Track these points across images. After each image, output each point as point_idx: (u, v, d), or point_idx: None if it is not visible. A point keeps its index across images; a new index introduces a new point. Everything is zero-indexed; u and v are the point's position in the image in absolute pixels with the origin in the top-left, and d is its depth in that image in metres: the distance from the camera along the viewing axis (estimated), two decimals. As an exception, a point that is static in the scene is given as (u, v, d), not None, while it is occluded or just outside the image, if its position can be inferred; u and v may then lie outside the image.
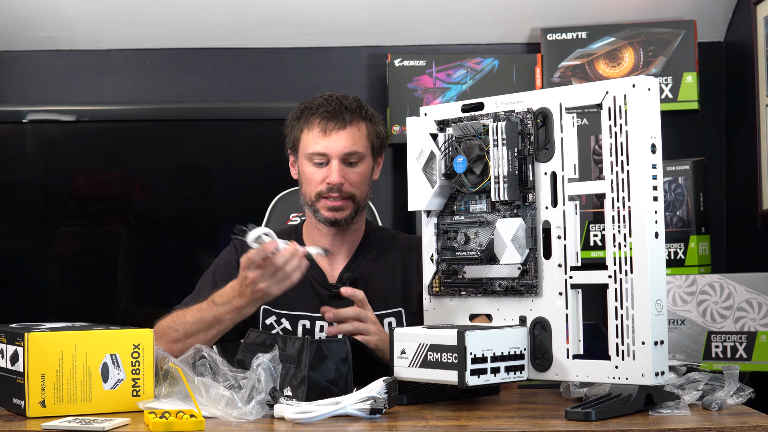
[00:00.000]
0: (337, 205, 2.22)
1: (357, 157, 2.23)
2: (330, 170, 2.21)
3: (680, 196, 2.90)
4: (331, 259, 2.28)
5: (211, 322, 2.06)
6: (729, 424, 1.64)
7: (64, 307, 3.23)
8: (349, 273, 2.26)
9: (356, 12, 3.28)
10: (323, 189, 2.22)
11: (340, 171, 2.20)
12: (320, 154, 2.21)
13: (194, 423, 1.62)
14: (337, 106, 2.22)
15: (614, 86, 1.75)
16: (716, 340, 2.66)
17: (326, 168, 2.22)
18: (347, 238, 2.29)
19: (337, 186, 2.20)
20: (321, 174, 2.22)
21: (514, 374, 1.79)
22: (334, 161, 2.21)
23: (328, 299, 2.24)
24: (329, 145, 2.21)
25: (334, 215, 2.22)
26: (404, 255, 2.30)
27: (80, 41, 3.40)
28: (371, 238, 2.33)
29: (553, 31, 3.30)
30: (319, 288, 2.25)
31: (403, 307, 2.26)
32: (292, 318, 2.23)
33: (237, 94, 3.41)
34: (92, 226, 3.30)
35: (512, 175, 1.83)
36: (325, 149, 2.21)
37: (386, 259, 2.30)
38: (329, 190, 2.21)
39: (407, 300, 2.26)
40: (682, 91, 3.22)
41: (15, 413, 1.78)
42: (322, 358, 1.82)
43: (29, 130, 3.28)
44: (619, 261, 1.73)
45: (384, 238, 2.35)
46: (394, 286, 2.28)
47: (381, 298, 2.22)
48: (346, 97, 2.26)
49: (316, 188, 2.23)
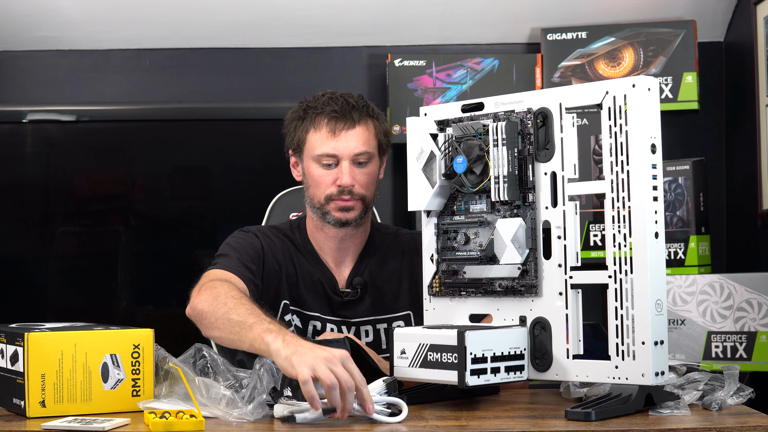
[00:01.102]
0: (348, 205, 2.15)
1: (366, 156, 2.16)
2: (341, 172, 2.14)
3: (680, 196, 2.90)
4: (339, 262, 2.24)
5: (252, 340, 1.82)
6: (729, 424, 1.64)
7: (64, 307, 3.23)
8: (359, 278, 2.22)
9: (356, 12, 3.28)
10: (334, 191, 2.15)
11: (351, 172, 2.14)
12: (330, 156, 2.14)
13: (194, 423, 1.62)
14: (344, 105, 2.15)
15: (614, 86, 1.75)
16: (716, 340, 2.66)
17: (336, 169, 2.15)
18: (355, 239, 2.24)
19: (348, 188, 2.14)
20: (330, 176, 2.15)
21: (514, 374, 1.79)
22: (344, 162, 2.14)
23: (338, 305, 2.22)
24: (339, 145, 2.14)
25: (345, 215, 2.16)
26: (410, 256, 2.25)
27: (80, 41, 3.40)
28: (376, 237, 2.28)
29: (553, 31, 3.30)
30: (330, 293, 2.22)
31: (411, 310, 2.23)
32: (303, 317, 2.20)
33: (237, 94, 3.41)
34: (92, 226, 3.30)
35: (512, 175, 1.83)
36: (335, 150, 2.14)
37: (392, 260, 2.26)
38: (340, 192, 2.14)
39: (416, 302, 2.19)
40: (682, 91, 3.22)
41: (15, 413, 1.78)
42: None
43: (29, 130, 3.28)
44: (619, 261, 1.73)
45: (387, 236, 2.30)
46: (402, 288, 2.24)
47: (390, 302, 2.20)
48: (351, 96, 2.19)
49: (325, 191, 2.16)
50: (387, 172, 3.37)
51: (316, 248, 2.25)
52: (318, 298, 2.21)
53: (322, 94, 2.20)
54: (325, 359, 1.66)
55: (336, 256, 2.24)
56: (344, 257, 2.24)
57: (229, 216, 3.31)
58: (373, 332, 2.20)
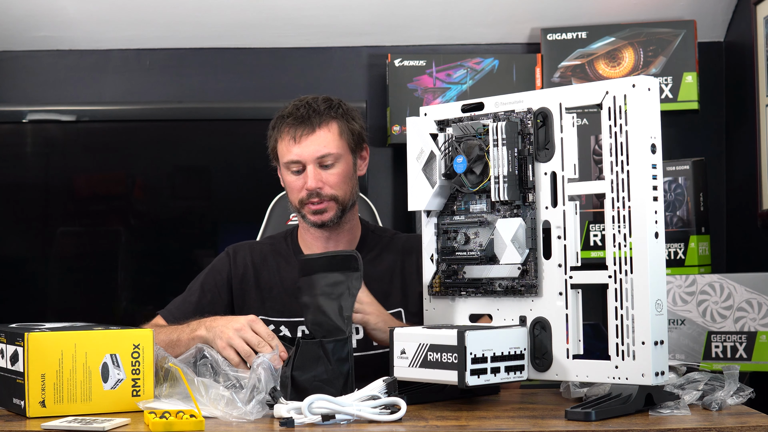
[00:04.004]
0: (320, 208, 2.22)
1: (332, 158, 2.22)
2: (306, 176, 2.21)
3: (680, 196, 2.90)
4: None
5: (176, 342, 2.06)
6: (729, 424, 1.64)
7: (64, 307, 3.23)
8: None
9: (356, 12, 3.28)
10: (304, 196, 2.22)
11: (316, 176, 2.20)
12: (294, 162, 2.22)
13: (194, 423, 1.62)
14: (305, 112, 2.22)
15: (614, 86, 1.75)
16: (716, 340, 2.66)
17: (303, 174, 2.22)
18: (341, 238, 2.29)
19: (315, 191, 2.21)
20: (300, 181, 2.23)
21: (514, 374, 1.79)
22: (309, 167, 2.21)
23: None
24: (301, 151, 2.21)
25: (320, 218, 2.23)
26: (403, 255, 2.30)
27: (80, 41, 3.40)
28: (369, 239, 2.33)
29: (553, 31, 3.30)
30: None
31: (402, 307, 2.26)
32: (291, 324, 2.23)
33: (237, 94, 3.41)
34: (92, 226, 3.30)
35: (512, 175, 1.83)
36: (298, 156, 2.21)
37: (385, 260, 2.30)
38: (309, 196, 2.21)
39: (407, 300, 2.26)
40: (682, 91, 3.22)
41: (15, 413, 1.78)
42: (312, 357, 1.82)
43: (29, 130, 3.28)
44: (619, 261, 1.73)
45: (382, 238, 2.34)
46: (393, 286, 2.27)
47: (380, 299, 2.21)
48: (317, 99, 2.25)
49: (297, 195, 2.24)
50: (387, 172, 3.38)
51: (306, 250, 2.30)
52: None
53: (294, 102, 2.27)
54: (235, 330, 1.93)
55: None
56: None
57: (229, 216, 3.31)
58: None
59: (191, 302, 2.28)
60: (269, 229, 2.63)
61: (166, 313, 2.27)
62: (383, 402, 1.70)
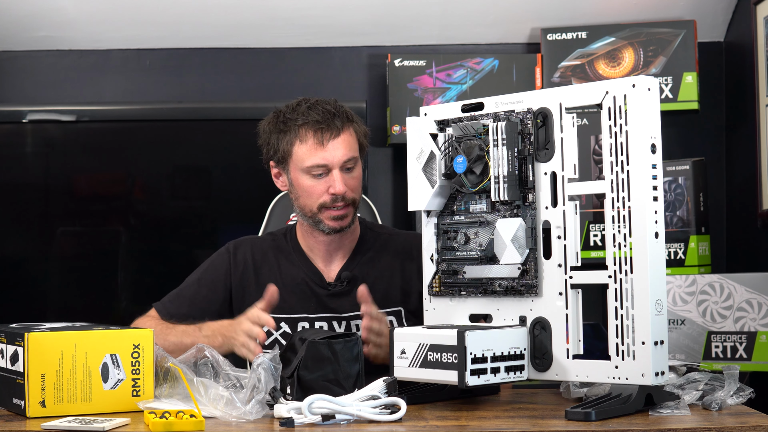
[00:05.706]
0: (341, 214, 2.19)
1: (354, 162, 2.20)
2: (332, 180, 2.17)
3: (680, 196, 2.90)
4: (329, 261, 2.28)
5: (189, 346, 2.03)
6: (729, 424, 1.64)
7: (64, 307, 3.23)
8: (347, 272, 2.25)
9: (356, 12, 3.28)
10: (327, 200, 2.18)
11: (344, 179, 2.17)
12: (320, 166, 2.17)
13: (194, 423, 1.62)
14: (325, 114, 2.18)
15: (614, 86, 1.75)
16: (716, 340, 2.66)
17: (326, 178, 2.18)
18: (344, 240, 2.28)
19: (341, 195, 2.17)
20: (322, 185, 2.18)
21: (514, 374, 1.79)
22: (335, 171, 2.17)
23: (326, 298, 2.24)
24: (328, 155, 2.16)
25: (340, 224, 2.20)
26: (403, 254, 2.29)
27: (80, 41, 3.40)
28: (368, 237, 2.32)
29: (553, 31, 3.30)
30: (316, 288, 2.25)
31: (402, 306, 2.26)
32: (291, 321, 2.23)
33: (237, 94, 3.41)
34: (92, 226, 3.30)
35: (512, 175, 1.83)
36: (325, 160, 2.16)
37: (384, 258, 2.30)
38: (333, 200, 2.17)
39: (407, 299, 2.26)
40: (682, 91, 3.22)
41: (15, 413, 1.78)
42: (320, 357, 1.82)
43: (29, 130, 3.28)
44: (619, 261, 1.73)
45: (381, 236, 2.33)
46: (393, 285, 2.27)
47: (380, 298, 2.21)
48: (328, 102, 2.21)
49: (318, 200, 2.19)
50: (387, 172, 3.38)
51: (306, 249, 2.29)
52: (304, 299, 2.24)
53: (297, 104, 2.22)
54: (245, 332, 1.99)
55: (326, 257, 2.28)
56: (334, 256, 2.29)
57: (229, 216, 3.31)
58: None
59: (186, 296, 2.28)
60: (269, 229, 2.63)
61: (161, 306, 2.27)
62: (383, 402, 1.70)
